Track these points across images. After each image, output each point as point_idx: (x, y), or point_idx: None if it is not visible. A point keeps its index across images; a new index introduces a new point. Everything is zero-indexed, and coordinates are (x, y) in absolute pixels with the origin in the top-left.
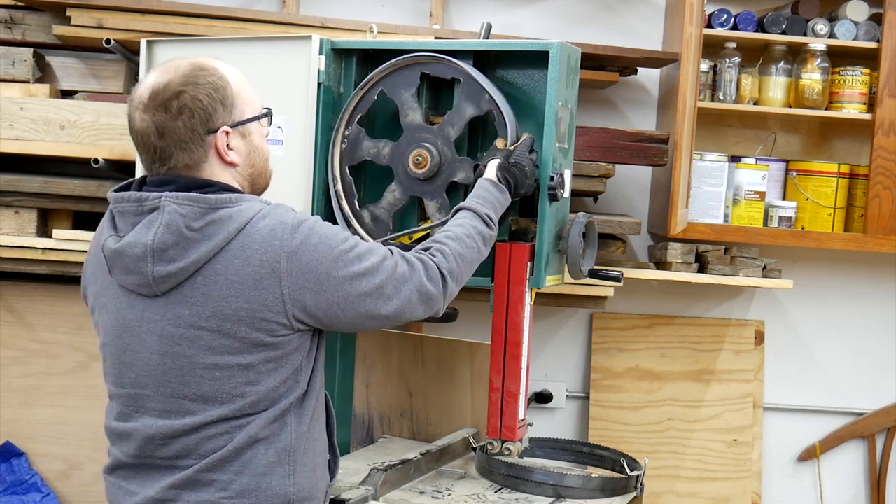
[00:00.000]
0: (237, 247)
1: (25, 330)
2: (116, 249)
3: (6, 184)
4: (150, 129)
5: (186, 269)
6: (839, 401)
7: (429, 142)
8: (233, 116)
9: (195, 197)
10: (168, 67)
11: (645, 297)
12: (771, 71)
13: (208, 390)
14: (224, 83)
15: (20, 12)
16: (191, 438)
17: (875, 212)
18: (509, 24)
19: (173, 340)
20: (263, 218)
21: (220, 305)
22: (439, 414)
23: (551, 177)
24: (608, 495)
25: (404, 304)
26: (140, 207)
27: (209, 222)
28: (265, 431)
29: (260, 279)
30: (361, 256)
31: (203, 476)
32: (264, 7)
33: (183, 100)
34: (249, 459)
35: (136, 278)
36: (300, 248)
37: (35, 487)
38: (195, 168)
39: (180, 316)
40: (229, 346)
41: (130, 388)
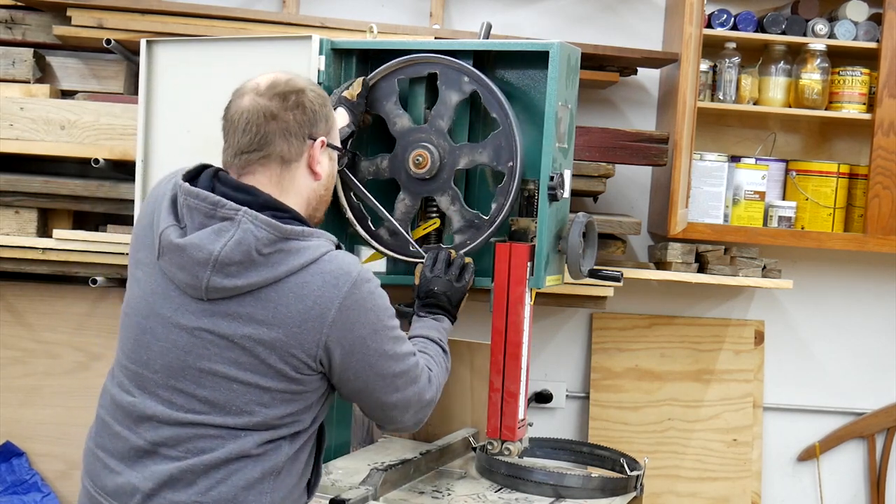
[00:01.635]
0: (296, 282)
1: (25, 330)
2: (178, 244)
3: (6, 184)
4: (260, 111)
5: (241, 288)
6: (839, 401)
7: (424, 140)
8: (329, 135)
9: (272, 223)
10: (285, 72)
11: (645, 297)
12: (771, 71)
13: (220, 398)
14: (331, 105)
15: (20, 12)
16: (186, 431)
17: (875, 212)
18: (509, 24)
19: (202, 343)
20: (330, 261)
21: (260, 330)
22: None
23: (551, 177)
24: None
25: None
26: (213, 211)
27: (277, 250)
28: (258, 450)
29: (306, 320)
30: (398, 339)
31: (187, 476)
32: (264, 7)
33: (301, 97)
34: (235, 471)
35: (187, 278)
36: (354, 305)
37: (35, 487)
38: (286, 163)
39: (218, 326)
40: (255, 366)
41: (139, 366)
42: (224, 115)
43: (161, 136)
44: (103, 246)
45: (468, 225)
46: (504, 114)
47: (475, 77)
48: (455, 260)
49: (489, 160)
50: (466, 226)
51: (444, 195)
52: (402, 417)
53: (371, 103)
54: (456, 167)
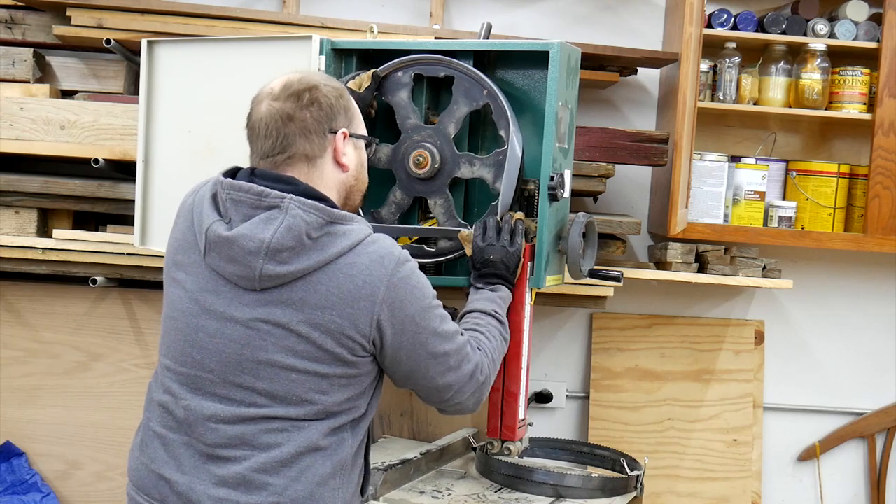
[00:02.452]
0: (345, 263)
1: (25, 330)
2: (227, 237)
3: (6, 184)
4: (277, 115)
5: (293, 274)
6: (839, 401)
7: (428, 141)
8: (351, 126)
9: (319, 207)
10: (298, 71)
11: (645, 297)
12: (771, 71)
13: (280, 389)
14: (348, 95)
15: (20, 12)
16: (248, 427)
17: (875, 212)
18: (509, 24)
19: (259, 334)
20: (373, 243)
21: (315, 314)
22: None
23: (551, 177)
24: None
25: (457, 381)
26: (259, 201)
27: (326, 234)
28: (325, 441)
29: (357, 299)
30: (445, 318)
31: (257, 477)
32: (264, 7)
33: (314, 94)
34: (307, 467)
35: (239, 269)
36: (400, 283)
37: (35, 487)
38: (311, 160)
39: (272, 314)
40: (312, 353)
41: (192, 368)
42: (246, 124)
43: (161, 137)
44: (103, 246)
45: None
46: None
47: (491, 92)
48: (504, 224)
49: (488, 175)
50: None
51: (437, 199)
52: (459, 398)
53: (383, 91)
54: (454, 174)
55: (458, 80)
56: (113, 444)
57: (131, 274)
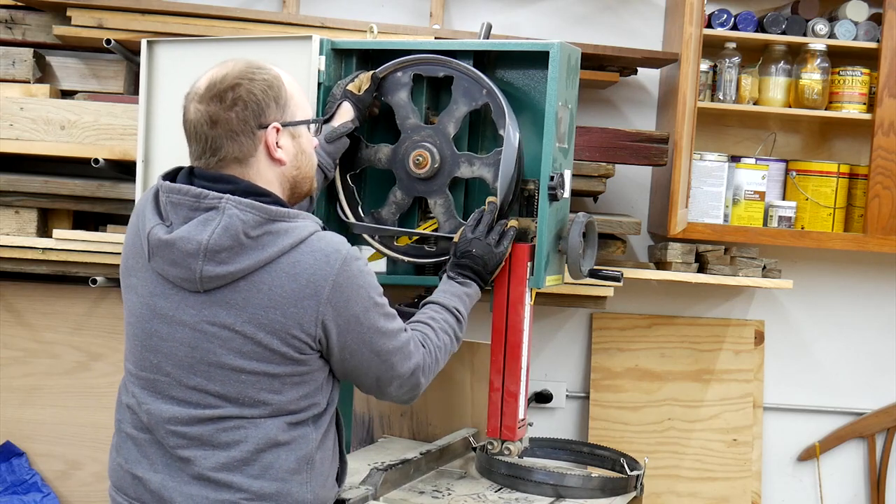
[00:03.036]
0: (288, 262)
1: (25, 330)
2: (166, 241)
3: (6, 184)
4: (203, 119)
5: (234, 274)
6: (839, 401)
7: (428, 141)
8: (284, 115)
9: (256, 205)
10: (226, 64)
11: (645, 297)
12: (771, 71)
13: (231, 391)
14: (279, 83)
15: (20, 12)
16: (206, 428)
17: (875, 212)
18: (509, 24)
19: (206, 337)
20: (319, 240)
21: (258, 314)
22: (439, 414)
23: (551, 177)
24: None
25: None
26: (197, 203)
27: (266, 232)
28: (285, 436)
29: (301, 298)
30: (389, 316)
31: (220, 476)
32: (264, 7)
33: (238, 92)
34: (270, 463)
35: (181, 272)
36: (346, 282)
37: (35, 487)
38: (243, 161)
39: (217, 315)
40: (259, 353)
41: (150, 372)
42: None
43: (161, 137)
44: (103, 246)
45: (453, 232)
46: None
47: (490, 92)
48: (497, 225)
49: (488, 174)
50: (452, 233)
51: (437, 199)
52: (396, 393)
53: (383, 91)
54: (454, 174)
55: (458, 79)
56: None
57: None
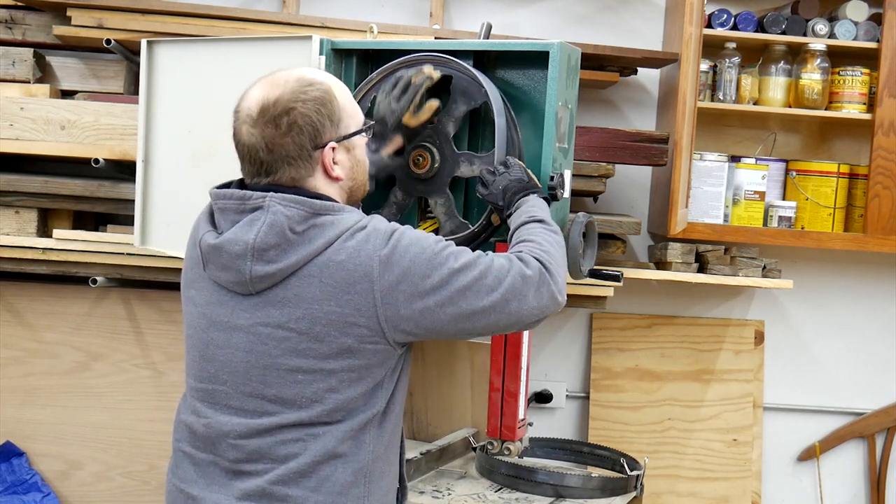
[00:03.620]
0: (334, 252)
1: (25, 330)
2: (215, 245)
3: (6, 184)
4: (258, 145)
5: (284, 271)
6: (839, 401)
7: (427, 141)
8: (339, 131)
9: (300, 200)
10: (276, 81)
11: (645, 297)
12: (771, 71)
13: (288, 392)
14: (331, 97)
15: (20, 12)
16: (264, 440)
17: (875, 212)
18: (509, 24)
19: (260, 339)
20: (362, 228)
21: (312, 308)
22: (439, 414)
23: (551, 177)
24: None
25: (508, 292)
26: (242, 205)
27: (311, 226)
28: (343, 447)
29: (353, 283)
30: (456, 254)
31: (277, 489)
32: (264, 7)
33: (293, 116)
34: (327, 476)
35: (232, 275)
36: (392, 252)
37: (35, 487)
38: (300, 181)
39: (271, 315)
40: (315, 349)
41: (209, 382)
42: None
43: (161, 136)
44: (103, 246)
45: (455, 231)
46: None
47: (489, 90)
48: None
49: None
50: (453, 232)
51: (438, 198)
52: (525, 305)
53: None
54: (454, 174)
55: (457, 79)
56: (113, 444)
57: (131, 274)
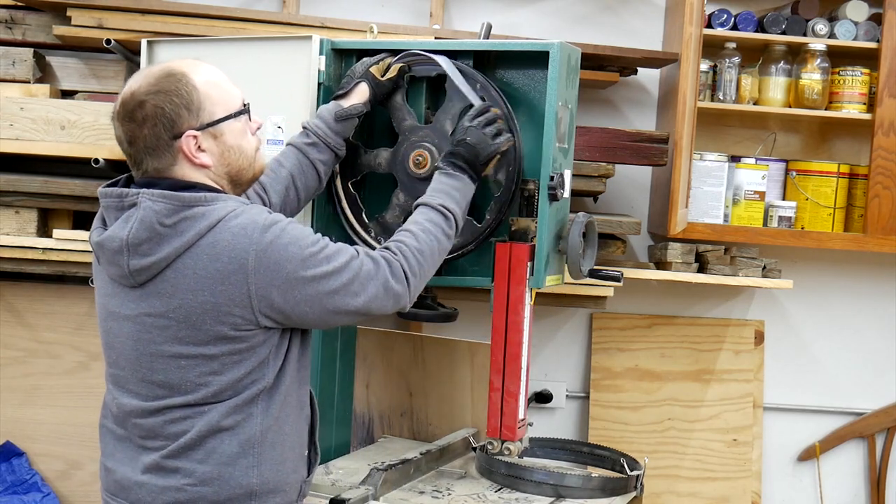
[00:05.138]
0: (207, 243)
1: (25, 330)
2: (99, 242)
3: (6, 184)
4: (122, 137)
5: (158, 264)
6: (839, 401)
7: (426, 140)
8: (200, 119)
9: (169, 195)
10: (139, 75)
11: (645, 297)
12: (771, 71)
13: (174, 378)
14: (189, 88)
15: (20, 12)
16: (157, 419)
17: (875, 212)
18: (509, 24)
19: (144, 328)
20: (236, 217)
21: (187, 298)
22: (439, 414)
23: (551, 177)
24: (608, 495)
25: (371, 300)
26: (121, 203)
27: (182, 219)
28: (228, 420)
29: (227, 275)
30: (329, 257)
31: (169, 462)
32: (264, 7)
33: (146, 109)
34: (213, 448)
35: (116, 270)
36: (269, 247)
37: (35, 487)
38: (165, 171)
39: (153, 306)
40: (194, 336)
41: (114, 367)
42: None
43: None
44: None
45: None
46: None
47: (483, 85)
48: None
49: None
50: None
51: None
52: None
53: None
54: None
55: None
56: None
57: None
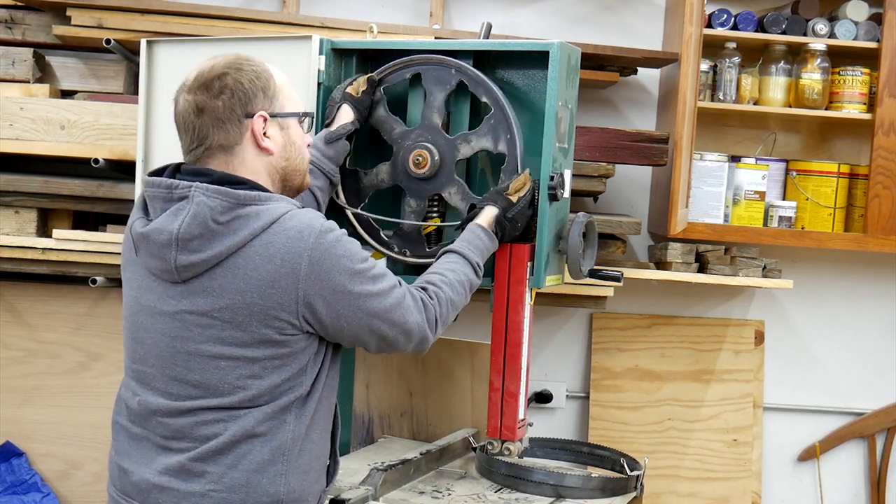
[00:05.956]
0: (261, 244)
1: (25, 330)
2: (143, 233)
3: (6, 184)
4: (190, 108)
5: (208, 261)
6: (839, 401)
7: (420, 139)
8: (273, 106)
9: (224, 191)
10: (216, 57)
11: (645, 297)
12: (771, 71)
13: (211, 378)
14: (268, 75)
15: (20, 12)
16: (186, 420)
17: (875, 212)
18: (509, 24)
19: (185, 325)
20: (291, 219)
21: (236, 298)
22: (439, 414)
23: (551, 177)
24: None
25: (402, 333)
26: (170, 194)
27: (235, 217)
28: (262, 427)
29: (278, 278)
30: (377, 278)
31: (195, 465)
32: (264, 7)
33: (225, 81)
34: (244, 454)
35: (159, 263)
36: (323, 254)
37: (35, 487)
38: (229, 149)
39: (196, 304)
40: (238, 338)
41: (140, 364)
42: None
43: (161, 136)
44: (103, 246)
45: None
46: (493, 96)
47: (456, 66)
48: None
49: (487, 143)
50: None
51: (450, 189)
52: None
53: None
54: (456, 159)
55: (425, 72)
56: None
57: None
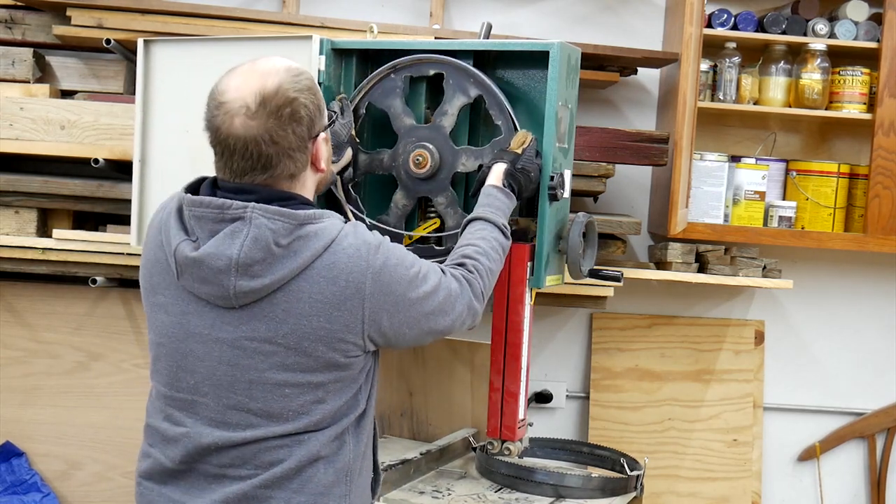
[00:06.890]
0: (323, 265)
1: (25, 330)
2: (195, 258)
3: (6, 184)
4: (258, 137)
5: (270, 286)
6: (839, 401)
7: (426, 140)
8: (322, 121)
9: (284, 212)
10: (265, 70)
11: (645, 297)
12: (771, 71)
13: (275, 406)
14: (316, 85)
15: (20, 12)
16: (248, 449)
17: (875, 212)
18: (509, 24)
19: (245, 353)
20: (347, 236)
21: (301, 324)
22: (439, 414)
23: (551, 177)
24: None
25: (457, 319)
26: (221, 215)
27: (296, 238)
28: (326, 449)
29: (344, 300)
30: (426, 277)
31: (261, 492)
32: (264, 7)
33: (295, 107)
34: (310, 478)
35: (213, 289)
36: (382, 269)
37: (35, 487)
38: (296, 176)
39: (256, 330)
40: (303, 364)
41: (187, 393)
42: (210, 129)
43: (159, 137)
44: (103, 246)
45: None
46: (508, 122)
47: (480, 81)
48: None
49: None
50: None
51: (441, 196)
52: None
53: (376, 98)
54: (455, 170)
55: (449, 74)
56: (113, 444)
57: (131, 274)
